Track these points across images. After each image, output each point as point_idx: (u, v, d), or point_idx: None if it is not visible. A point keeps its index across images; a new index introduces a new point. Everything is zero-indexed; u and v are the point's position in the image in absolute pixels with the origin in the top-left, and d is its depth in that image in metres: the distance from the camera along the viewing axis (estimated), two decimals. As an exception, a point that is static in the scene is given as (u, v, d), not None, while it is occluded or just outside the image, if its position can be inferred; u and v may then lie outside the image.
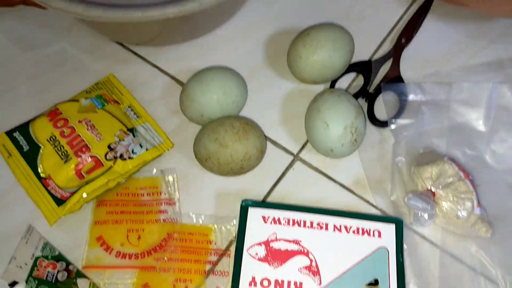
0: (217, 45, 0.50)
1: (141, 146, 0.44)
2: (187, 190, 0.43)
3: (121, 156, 0.43)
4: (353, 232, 0.38)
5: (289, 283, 0.36)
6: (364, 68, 0.48)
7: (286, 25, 0.51)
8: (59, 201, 0.41)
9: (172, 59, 0.49)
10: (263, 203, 0.40)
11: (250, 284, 0.36)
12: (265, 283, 0.36)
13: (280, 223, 0.38)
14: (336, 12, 0.51)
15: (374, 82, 0.48)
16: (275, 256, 0.37)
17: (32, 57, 0.50)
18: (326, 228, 0.38)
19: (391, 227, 0.38)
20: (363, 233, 0.38)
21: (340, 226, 0.38)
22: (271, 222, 0.38)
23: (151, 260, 0.40)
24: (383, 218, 0.39)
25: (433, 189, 0.39)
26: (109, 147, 0.43)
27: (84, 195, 0.41)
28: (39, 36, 0.51)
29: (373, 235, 0.38)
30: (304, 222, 0.38)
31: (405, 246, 0.39)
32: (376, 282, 0.36)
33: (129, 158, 0.43)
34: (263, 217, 0.39)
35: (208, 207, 0.42)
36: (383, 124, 0.45)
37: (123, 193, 0.43)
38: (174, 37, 0.48)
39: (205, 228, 0.42)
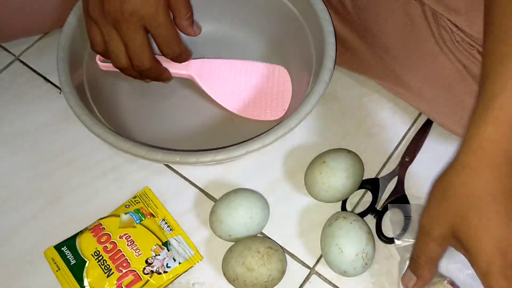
0: (240, 161, 0.56)
1: (174, 259, 0.49)
2: (215, 303, 0.48)
3: (157, 271, 0.48)
4: None
5: None
6: (372, 186, 0.53)
7: (303, 140, 0.57)
8: (103, 314, 0.46)
9: (200, 173, 0.55)
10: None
11: None
12: None
13: None
14: (347, 129, 0.58)
15: (382, 198, 0.53)
16: None
17: (75, 169, 0.56)
18: None
19: None
20: None
21: None
22: None
23: None
24: None
25: None
26: (146, 261, 0.48)
27: (125, 308, 0.46)
28: (82, 147, 0.57)
29: None
30: None
31: None
32: None
33: (164, 272, 0.48)
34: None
35: (234, 319, 0.48)
36: (390, 240, 0.50)
37: (158, 304, 0.48)
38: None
39: None
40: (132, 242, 0.49)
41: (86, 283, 0.47)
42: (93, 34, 0.44)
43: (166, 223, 0.52)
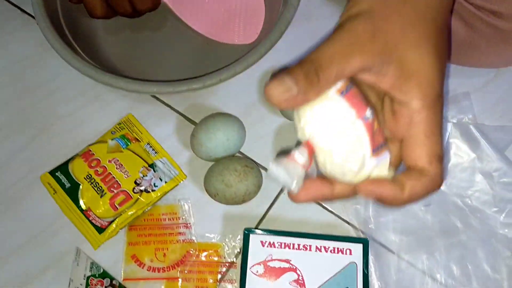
0: (218, 86, 0.58)
1: (160, 179, 0.54)
2: (200, 215, 0.54)
3: (146, 189, 0.53)
4: (330, 251, 0.50)
5: (282, 291, 0.48)
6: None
7: (277, 63, 0.59)
8: (100, 229, 0.52)
9: (180, 99, 0.58)
10: (261, 230, 0.51)
11: (252, 293, 0.48)
12: (264, 292, 0.48)
13: (274, 246, 0.50)
14: (319, 50, 0.60)
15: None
16: (271, 273, 0.49)
17: (60, 98, 0.58)
18: (310, 249, 0.50)
19: (360, 246, 0.50)
20: (337, 252, 0.50)
21: (321, 247, 0.50)
22: (267, 246, 0.50)
23: (175, 273, 0.52)
24: (353, 239, 0.51)
25: (311, 140, 0.30)
26: (135, 182, 0.53)
27: (119, 223, 0.52)
28: (65, 77, 0.59)
29: (345, 253, 0.50)
30: (293, 245, 0.50)
31: (371, 256, 0.51)
32: (347, 288, 0.48)
33: (152, 190, 0.53)
34: (261, 242, 0.50)
35: (217, 228, 0.54)
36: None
37: (149, 218, 0.54)
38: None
39: (215, 245, 0.53)
40: (120, 166, 0.53)
41: (81, 203, 0.52)
42: None
43: (150, 146, 0.56)
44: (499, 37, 0.46)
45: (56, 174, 0.54)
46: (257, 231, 0.51)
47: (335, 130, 0.30)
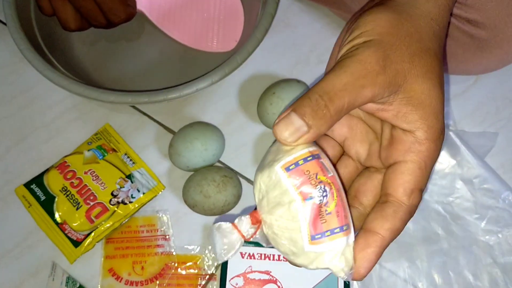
0: (196, 94, 0.58)
1: (138, 190, 0.53)
2: (179, 226, 0.53)
3: (123, 201, 0.52)
4: (311, 261, 0.49)
5: (262, 304, 0.47)
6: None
7: (256, 70, 0.59)
8: (76, 243, 0.51)
9: (158, 108, 0.57)
10: (241, 240, 0.51)
11: (232, 306, 0.47)
12: (244, 305, 0.47)
13: (254, 257, 0.49)
14: (298, 57, 0.59)
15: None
16: (251, 285, 0.48)
17: (36, 109, 0.57)
18: (290, 260, 0.49)
19: (341, 256, 0.49)
20: (318, 262, 0.49)
21: (301, 257, 0.49)
22: (247, 258, 0.49)
23: (154, 286, 0.51)
24: (335, 249, 0.50)
25: (258, 208, 0.30)
26: (112, 194, 0.52)
27: (95, 236, 0.51)
28: (41, 87, 0.58)
29: (327, 263, 0.49)
30: (273, 256, 0.49)
31: (352, 265, 0.51)
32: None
33: (129, 202, 0.52)
34: (241, 253, 0.49)
35: (196, 239, 0.53)
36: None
37: (127, 231, 0.53)
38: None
39: (195, 257, 0.52)
40: (97, 177, 0.52)
41: (57, 216, 0.51)
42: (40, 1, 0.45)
43: (128, 157, 0.55)
44: (475, 46, 0.46)
45: (31, 186, 0.53)
46: (237, 242, 0.50)
47: (275, 205, 0.29)
